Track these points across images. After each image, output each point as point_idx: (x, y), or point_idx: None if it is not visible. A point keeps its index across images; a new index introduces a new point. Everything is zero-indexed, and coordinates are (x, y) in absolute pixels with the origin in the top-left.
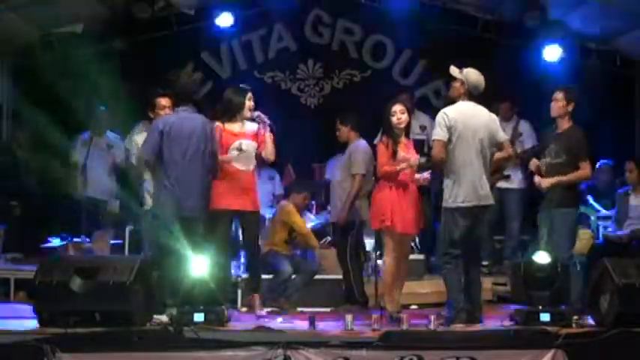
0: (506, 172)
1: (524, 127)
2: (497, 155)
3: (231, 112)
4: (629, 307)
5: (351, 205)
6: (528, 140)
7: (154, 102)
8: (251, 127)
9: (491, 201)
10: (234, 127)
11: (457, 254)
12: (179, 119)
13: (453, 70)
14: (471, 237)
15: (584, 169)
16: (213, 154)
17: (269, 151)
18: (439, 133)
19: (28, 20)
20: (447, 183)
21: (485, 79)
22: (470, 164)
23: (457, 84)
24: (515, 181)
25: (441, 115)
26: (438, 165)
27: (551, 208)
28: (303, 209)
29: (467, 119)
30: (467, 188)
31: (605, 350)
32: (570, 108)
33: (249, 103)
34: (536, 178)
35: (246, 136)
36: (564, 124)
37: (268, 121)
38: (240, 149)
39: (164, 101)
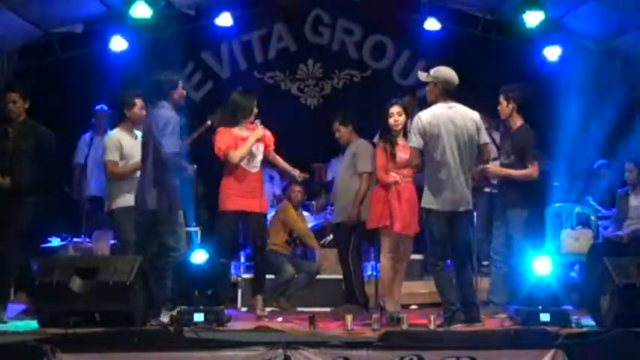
0: (493, 181)
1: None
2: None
3: (241, 117)
4: (629, 308)
5: (360, 203)
6: None
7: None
8: (260, 130)
9: (467, 207)
10: (242, 131)
11: (441, 256)
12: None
13: (421, 75)
14: (452, 241)
15: (531, 169)
16: (157, 149)
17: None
18: (413, 140)
19: (28, 20)
20: (425, 184)
21: (485, 79)
22: (443, 167)
23: (430, 87)
24: None
25: (415, 120)
26: (418, 170)
27: (506, 209)
28: (299, 203)
29: (442, 122)
30: (438, 191)
31: (605, 350)
32: (512, 106)
33: (255, 109)
34: (489, 165)
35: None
36: (515, 123)
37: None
38: (251, 153)
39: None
